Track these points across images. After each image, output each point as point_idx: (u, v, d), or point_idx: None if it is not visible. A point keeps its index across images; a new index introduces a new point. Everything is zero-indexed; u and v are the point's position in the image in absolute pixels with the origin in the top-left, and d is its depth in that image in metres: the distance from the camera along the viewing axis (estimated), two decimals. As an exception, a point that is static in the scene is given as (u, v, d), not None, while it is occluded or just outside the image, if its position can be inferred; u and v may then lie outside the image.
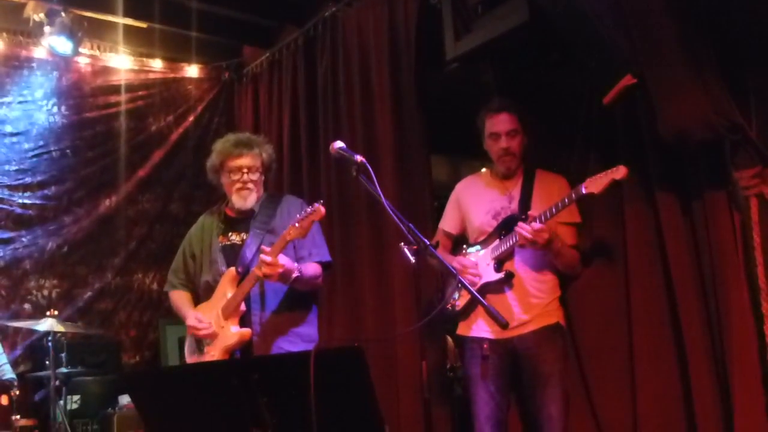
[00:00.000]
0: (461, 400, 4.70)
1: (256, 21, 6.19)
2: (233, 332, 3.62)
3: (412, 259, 2.67)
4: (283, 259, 3.51)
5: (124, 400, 5.01)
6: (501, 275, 3.70)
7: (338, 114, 5.35)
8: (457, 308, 3.85)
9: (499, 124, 3.81)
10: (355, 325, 4.95)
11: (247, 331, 3.63)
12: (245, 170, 3.82)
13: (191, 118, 6.48)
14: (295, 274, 3.57)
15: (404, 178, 4.74)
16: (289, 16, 5.95)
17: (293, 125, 5.83)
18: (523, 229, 3.47)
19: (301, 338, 3.68)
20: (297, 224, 3.47)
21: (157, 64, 6.39)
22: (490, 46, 4.18)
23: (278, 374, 2.13)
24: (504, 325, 2.68)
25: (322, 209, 3.47)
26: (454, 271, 2.81)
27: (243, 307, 3.66)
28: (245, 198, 3.83)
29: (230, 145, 3.89)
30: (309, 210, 3.49)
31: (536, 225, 3.47)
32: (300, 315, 3.76)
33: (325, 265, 3.86)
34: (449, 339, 4.86)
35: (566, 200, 3.47)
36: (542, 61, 4.35)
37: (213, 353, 3.58)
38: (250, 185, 3.82)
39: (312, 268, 3.74)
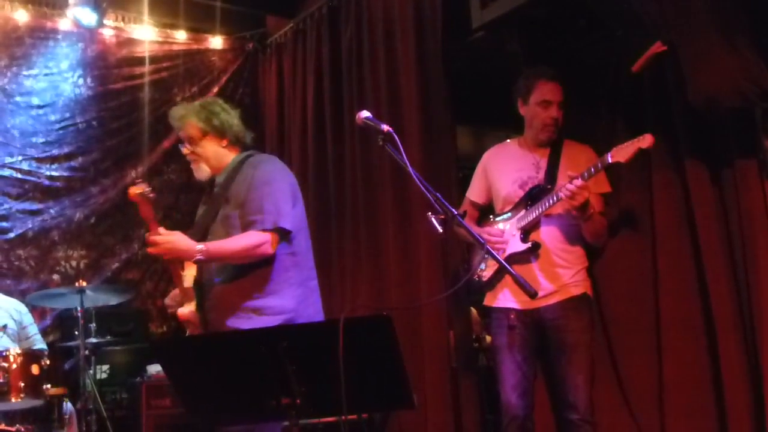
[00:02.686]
0: (486, 370, 4.72)
1: (279, -10, 6.17)
2: (181, 313, 3.39)
3: (440, 229, 2.65)
4: (172, 238, 3.23)
5: (153, 369, 5.07)
6: (527, 245, 3.69)
7: (363, 84, 5.32)
8: (484, 279, 3.84)
9: (552, 93, 3.77)
10: (379, 295, 4.95)
11: (183, 312, 3.36)
12: (184, 144, 3.55)
13: (215, 89, 6.47)
14: (197, 257, 3.22)
15: (429, 148, 4.71)
16: (313, -15, 5.92)
17: (317, 95, 5.81)
18: (568, 187, 3.45)
19: (258, 312, 3.26)
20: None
21: (181, 35, 6.38)
22: (516, 14, 4.14)
23: (306, 342, 2.14)
24: (533, 295, 2.67)
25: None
26: (482, 241, 2.79)
27: (185, 284, 3.39)
28: (195, 171, 3.57)
29: None
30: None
31: (579, 182, 3.44)
32: (252, 286, 3.30)
33: (276, 232, 3.30)
34: (473, 310, 4.86)
35: (592, 169, 3.45)
36: (569, 29, 4.31)
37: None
38: (191, 157, 3.53)
39: (236, 242, 3.27)
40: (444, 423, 4.21)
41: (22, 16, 5.79)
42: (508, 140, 4.10)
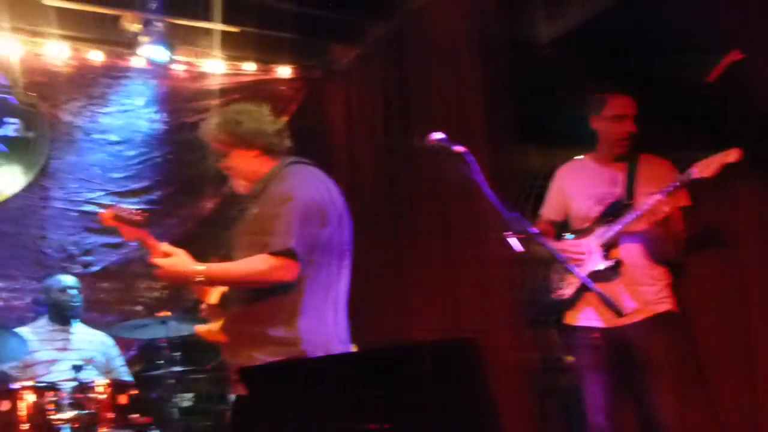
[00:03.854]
0: (567, 391, 4.63)
1: (343, 19, 6.22)
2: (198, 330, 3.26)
3: (519, 248, 2.63)
4: (171, 260, 3.00)
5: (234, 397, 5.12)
6: (609, 263, 3.63)
7: (431, 106, 5.32)
8: (564, 297, 3.78)
9: (625, 107, 3.73)
10: (452, 315, 4.93)
11: (200, 329, 3.24)
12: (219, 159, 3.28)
13: (285, 119, 6.53)
14: (197, 279, 2.99)
15: (498, 168, 4.67)
16: (376, 12, 5.96)
17: (386, 120, 5.84)
18: (648, 202, 3.38)
19: (268, 341, 2.97)
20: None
21: (249, 66, 6.48)
22: (584, 29, 4.11)
23: (393, 367, 2.13)
24: (619, 313, 2.63)
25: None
26: (564, 260, 2.76)
27: (211, 300, 3.20)
28: (234, 186, 3.29)
29: None
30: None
31: (659, 196, 3.38)
32: (262, 313, 3.02)
33: (287, 255, 2.94)
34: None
35: (675, 185, 3.38)
36: (639, 42, 4.24)
37: None
38: (227, 173, 3.26)
39: (242, 266, 2.99)
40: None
41: (97, 57, 5.98)
42: (582, 156, 4.04)
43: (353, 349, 5.25)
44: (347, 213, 3.26)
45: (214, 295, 3.18)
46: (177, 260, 3.01)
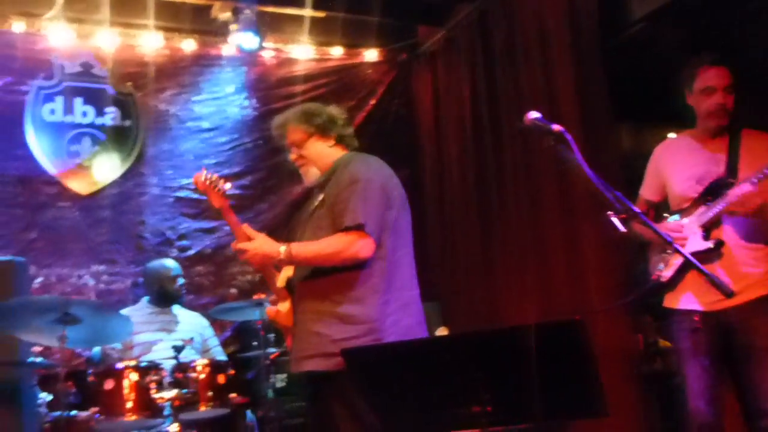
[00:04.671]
0: (667, 375, 4.53)
1: (430, 0, 6.20)
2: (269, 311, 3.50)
3: (622, 229, 2.57)
4: (256, 243, 3.23)
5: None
6: (710, 244, 3.51)
7: (518, 85, 5.26)
8: (663, 280, 3.68)
9: (716, 78, 3.59)
10: (547, 298, 4.87)
11: (270, 310, 3.47)
12: (290, 151, 3.50)
13: (372, 102, 6.59)
14: (279, 259, 3.18)
15: (590, 148, 4.56)
16: (461, -8, 5.93)
17: (473, 101, 5.80)
18: (734, 193, 3.27)
19: (341, 319, 3.12)
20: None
21: (336, 51, 6.53)
22: (678, 3, 3.98)
23: (496, 349, 2.12)
24: (729, 294, 2.53)
25: None
26: (671, 240, 2.68)
27: (279, 284, 3.39)
28: (305, 176, 3.49)
29: None
30: None
31: (746, 187, 3.26)
32: (335, 291, 3.16)
33: (360, 230, 3.13)
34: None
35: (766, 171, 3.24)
36: (739, 12, 4.09)
37: None
38: (299, 162, 3.46)
39: (320, 245, 3.16)
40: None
41: (189, 46, 6.13)
42: (680, 134, 3.92)
43: (442, 333, 5.29)
44: (407, 200, 3.42)
45: (281, 279, 3.33)
46: (260, 243, 3.24)
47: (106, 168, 5.75)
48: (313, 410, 3.35)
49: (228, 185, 3.41)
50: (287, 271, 3.34)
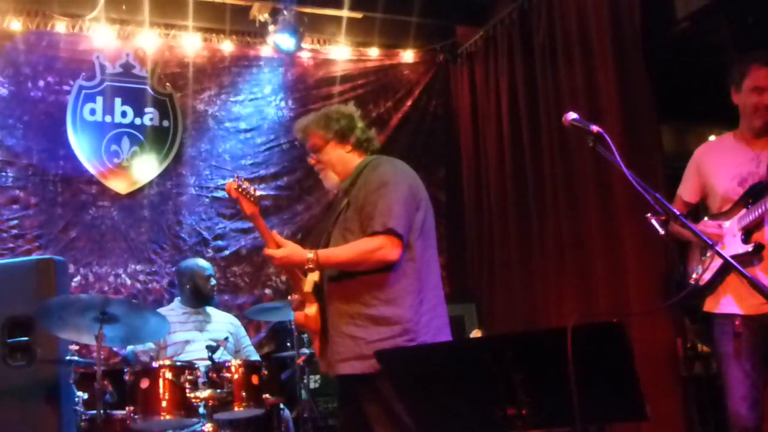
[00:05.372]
0: (708, 379, 4.45)
1: (468, 0, 6.16)
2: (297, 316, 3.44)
3: (661, 231, 2.52)
4: (286, 251, 3.21)
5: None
6: (749, 247, 3.42)
7: (558, 86, 5.22)
8: (702, 283, 3.59)
9: (767, 78, 3.51)
10: (586, 300, 4.81)
11: (298, 315, 3.39)
12: (310, 155, 3.51)
13: (409, 103, 6.58)
14: (308, 266, 3.17)
15: (632, 148, 4.52)
16: (503, -8, 5.89)
17: (512, 101, 5.76)
18: None
19: (374, 321, 3.12)
20: None
21: (373, 52, 6.54)
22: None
23: (534, 351, 2.08)
24: (772, 299, 2.46)
25: None
26: (711, 242, 2.61)
27: (305, 289, 3.33)
28: (324, 180, 3.51)
29: None
30: None
31: None
32: (368, 293, 3.16)
33: (390, 234, 3.13)
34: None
35: None
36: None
37: None
38: (318, 166, 3.48)
39: (348, 249, 3.18)
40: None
41: (227, 47, 6.18)
42: (722, 135, 3.84)
43: (475, 333, 5.25)
44: (430, 201, 3.41)
45: (308, 283, 3.31)
46: (289, 250, 3.23)
47: (144, 168, 5.81)
48: (347, 412, 3.33)
49: (259, 192, 3.43)
50: (314, 276, 3.33)
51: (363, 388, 3.11)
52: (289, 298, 3.59)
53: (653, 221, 2.55)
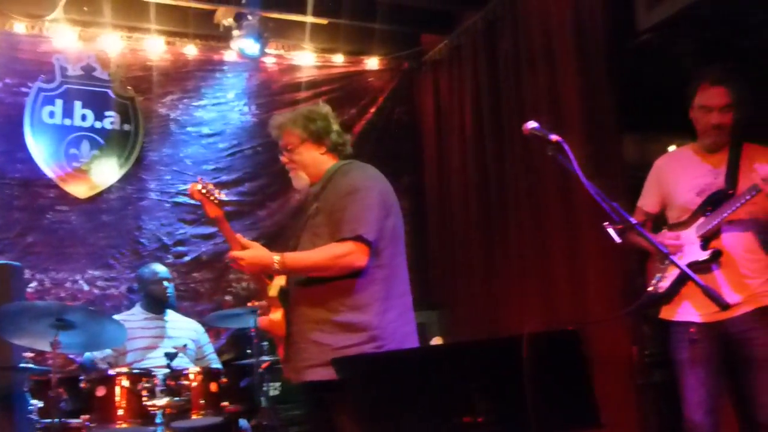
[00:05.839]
0: (663, 386, 4.49)
1: (434, 8, 6.18)
2: (261, 321, 3.42)
3: (618, 239, 2.54)
4: (251, 253, 3.16)
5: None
6: (707, 254, 3.48)
7: (522, 94, 5.24)
8: (660, 290, 3.64)
9: (713, 98, 3.57)
10: (549, 308, 4.83)
11: (263, 320, 3.37)
12: (283, 153, 3.44)
13: (373, 110, 6.57)
14: (274, 268, 3.13)
15: (593, 158, 4.55)
16: (468, 1, 5.91)
17: (476, 109, 5.79)
18: (746, 193, 3.24)
19: (342, 327, 3.09)
20: None
21: (338, 59, 6.51)
22: (688, 13, 3.94)
23: (490, 358, 2.08)
24: (724, 307, 2.50)
25: None
26: (666, 251, 2.65)
27: (270, 293, 3.33)
28: (294, 180, 3.44)
29: None
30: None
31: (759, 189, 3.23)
32: (335, 299, 3.12)
33: (359, 241, 3.09)
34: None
35: None
36: (745, 25, 4.06)
37: None
38: (290, 165, 3.40)
39: (315, 254, 3.12)
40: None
41: (191, 51, 6.11)
42: (679, 147, 3.90)
43: (436, 340, 5.24)
44: (399, 207, 3.37)
45: (273, 288, 3.30)
46: (255, 252, 3.18)
47: (104, 172, 5.72)
48: (316, 419, 3.29)
49: (223, 195, 3.38)
50: (279, 280, 3.32)
51: (332, 396, 3.06)
52: (255, 303, 3.55)
53: (610, 230, 2.56)
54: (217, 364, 5.13)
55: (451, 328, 5.71)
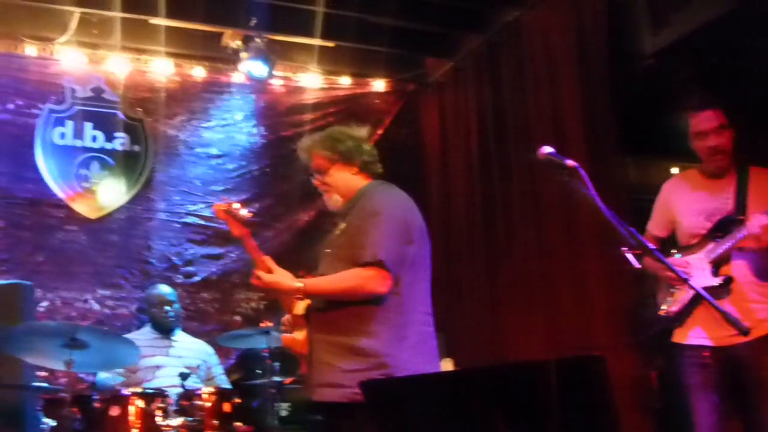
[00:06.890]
0: (674, 410, 4.51)
1: (438, 32, 6.26)
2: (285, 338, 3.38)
3: (637, 264, 2.59)
4: (275, 278, 3.21)
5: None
6: (719, 280, 3.52)
7: (526, 117, 5.28)
8: (670, 314, 3.68)
9: (704, 122, 3.63)
10: (552, 332, 4.85)
11: (286, 338, 3.34)
12: (315, 176, 3.44)
13: (379, 132, 6.61)
14: (297, 296, 3.16)
15: (597, 181, 4.58)
16: (471, 25, 5.96)
17: (481, 132, 5.82)
18: (754, 225, 3.29)
19: (352, 351, 3.07)
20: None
21: (344, 81, 6.57)
22: (692, 39, 4.01)
23: (513, 384, 2.11)
24: (745, 332, 2.54)
25: None
26: (684, 276, 2.70)
27: (296, 311, 3.28)
28: (328, 202, 3.42)
29: None
30: None
31: (764, 220, 3.28)
32: (348, 323, 3.11)
33: (378, 266, 3.05)
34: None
35: None
36: (749, 49, 4.13)
37: None
38: (323, 188, 3.40)
39: (335, 280, 3.13)
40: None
41: (199, 73, 6.18)
42: (686, 170, 3.95)
43: (447, 365, 5.25)
44: (427, 233, 3.36)
45: (300, 306, 3.27)
46: (278, 277, 3.23)
47: (113, 193, 5.77)
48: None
49: (248, 213, 3.40)
50: (306, 300, 3.30)
51: (341, 417, 3.08)
52: (282, 319, 3.54)
53: (628, 255, 2.61)
54: (226, 385, 5.15)
55: (457, 351, 5.72)
